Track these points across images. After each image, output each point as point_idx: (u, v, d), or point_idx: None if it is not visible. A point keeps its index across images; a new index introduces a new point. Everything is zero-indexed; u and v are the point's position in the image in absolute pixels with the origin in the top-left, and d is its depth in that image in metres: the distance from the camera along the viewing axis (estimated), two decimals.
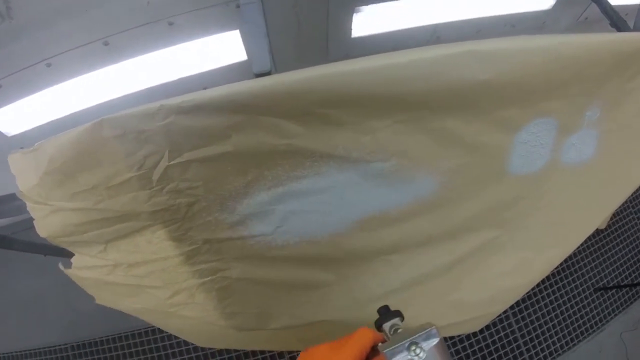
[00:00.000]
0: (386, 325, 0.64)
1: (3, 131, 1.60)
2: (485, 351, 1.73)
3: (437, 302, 1.28)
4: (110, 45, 1.42)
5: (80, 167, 0.78)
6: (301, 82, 0.70)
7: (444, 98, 0.83)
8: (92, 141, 0.75)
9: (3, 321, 1.91)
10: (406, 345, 0.53)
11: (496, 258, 1.27)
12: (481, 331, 1.72)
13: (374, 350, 0.59)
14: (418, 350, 0.52)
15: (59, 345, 1.78)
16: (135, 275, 0.94)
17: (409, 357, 0.52)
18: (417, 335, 0.53)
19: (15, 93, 1.42)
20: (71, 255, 0.96)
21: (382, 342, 0.59)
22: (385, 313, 0.66)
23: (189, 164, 0.78)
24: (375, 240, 1.06)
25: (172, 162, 0.77)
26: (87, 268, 0.94)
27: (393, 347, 0.53)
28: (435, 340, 0.53)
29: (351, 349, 0.56)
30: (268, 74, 0.78)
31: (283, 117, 0.74)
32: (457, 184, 1.03)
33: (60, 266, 0.95)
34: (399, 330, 0.62)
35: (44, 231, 0.85)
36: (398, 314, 0.65)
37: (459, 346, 1.70)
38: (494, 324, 1.77)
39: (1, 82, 1.39)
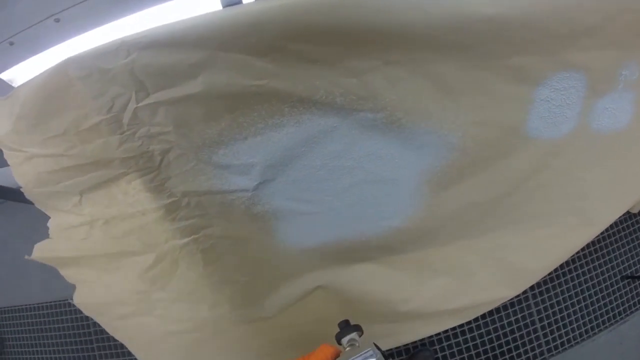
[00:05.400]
0: (344, 340, 0.68)
1: None
2: (501, 332, 1.64)
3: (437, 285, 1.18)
4: None
5: (51, 110, 0.76)
6: (268, 12, 0.62)
7: (446, 35, 0.72)
8: (59, 83, 0.73)
9: (26, 273, 1.99)
10: None
11: (511, 234, 1.16)
12: (498, 311, 1.62)
13: None
14: None
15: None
16: (113, 237, 0.90)
17: None
18: (354, 357, 0.59)
19: (28, 50, 1.44)
20: None
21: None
22: (345, 327, 0.70)
23: (158, 106, 0.73)
24: (372, 205, 0.99)
25: (140, 104, 0.73)
26: (63, 229, 0.91)
27: None
28: None
29: None
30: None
31: (251, 54, 0.67)
32: (468, 146, 0.91)
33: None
34: (356, 345, 0.66)
35: (20, 179, 0.85)
36: (357, 328, 0.70)
37: (473, 324, 1.63)
38: (512, 304, 1.66)
39: (14, 39, 1.40)
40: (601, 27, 0.80)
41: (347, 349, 0.66)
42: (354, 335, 0.69)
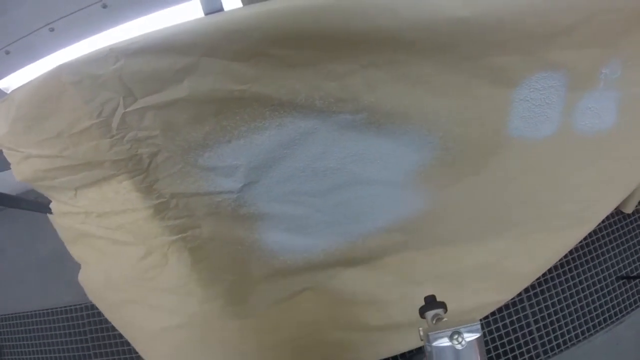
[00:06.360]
0: (429, 314, 0.69)
1: None
2: (496, 334, 1.63)
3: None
4: (109, 7, 1.42)
5: (45, 114, 0.79)
6: (248, 18, 0.65)
7: (422, 38, 0.73)
8: (53, 88, 0.76)
9: (24, 280, 2.00)
10: (449, 333, 0.58)
11: (499, 240, 1.16)
12: (492, 314, 1.62)
13: None
14: (460, 339, 0.58)
15: (74, 305, 1.85)
16: (106, 228, 0.94)
17: (450, 343, 0.58)
18: (462, 327, 0.58)
19: (23, 59, 1.46)
20: None
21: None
22: (431, 302, 0.71)
23: (145, 111, 0.76)
24: (358, 206, 1.00)
25: (128, 109, 0.76)
26: (63, 214, 0.95)
27: (438, 331, 0.59)
28: (477, 335, 0.58)
29: None
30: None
31: (233, 59, 0.70)
32: (450, 148, 0.93)
33: (49, 216, 0.99)
34: (443, 320, 0.67)
35: (19, 175, 0.89)
36: (442, 305, 0.70)
37: None
38: (507, 306, 1.66)
39: (9, 48, 1.42)
40: (580, 26, 0.80)
41: (433, 323, 0.68)
42: (440, 311, 0.70)
